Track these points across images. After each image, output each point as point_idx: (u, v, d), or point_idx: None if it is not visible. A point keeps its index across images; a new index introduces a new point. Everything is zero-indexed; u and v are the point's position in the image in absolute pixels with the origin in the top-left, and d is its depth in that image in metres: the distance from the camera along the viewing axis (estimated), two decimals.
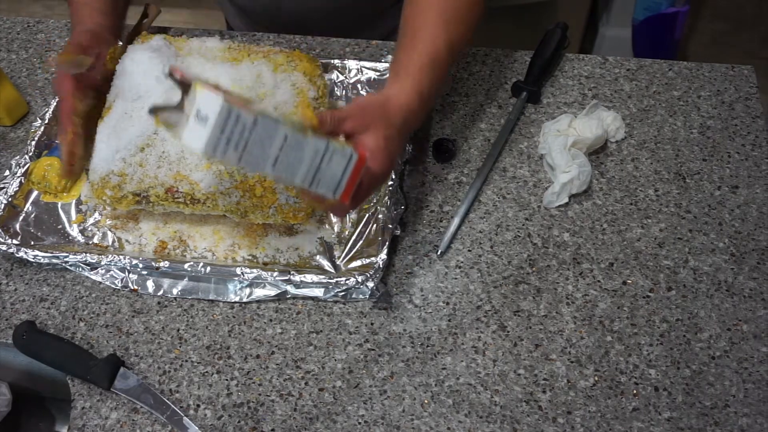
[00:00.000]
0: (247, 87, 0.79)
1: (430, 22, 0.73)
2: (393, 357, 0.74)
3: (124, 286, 0.79)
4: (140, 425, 0.70)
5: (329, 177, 0.61)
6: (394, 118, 0.68)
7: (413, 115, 0.70)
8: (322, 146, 0.60)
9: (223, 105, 0.56)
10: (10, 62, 1.02)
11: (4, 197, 0.83)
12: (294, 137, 0.59)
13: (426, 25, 0.73)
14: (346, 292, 0.76)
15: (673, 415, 0.70)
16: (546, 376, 0.72)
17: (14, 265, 0.82)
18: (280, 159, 0.60)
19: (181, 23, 2.04)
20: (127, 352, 0.75)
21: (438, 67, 0.73)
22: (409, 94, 0.70)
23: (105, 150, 0.77)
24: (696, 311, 0.76)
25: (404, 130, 0.70)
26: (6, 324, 0.77)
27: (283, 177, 0.60)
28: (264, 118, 0.58)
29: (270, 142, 0.59)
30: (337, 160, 0.61)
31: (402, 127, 0.68)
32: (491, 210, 0.84)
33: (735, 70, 0.96)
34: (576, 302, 0.77)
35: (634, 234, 0.82)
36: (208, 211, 0.77)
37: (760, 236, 0.81)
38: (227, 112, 0.56)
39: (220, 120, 0.56)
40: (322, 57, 0.95)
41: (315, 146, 0.60)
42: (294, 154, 0.59)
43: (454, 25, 0.74)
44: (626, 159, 0.88)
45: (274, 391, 0.72)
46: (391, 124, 0.67)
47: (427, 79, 0.71)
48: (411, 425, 0.70)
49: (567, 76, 0.97)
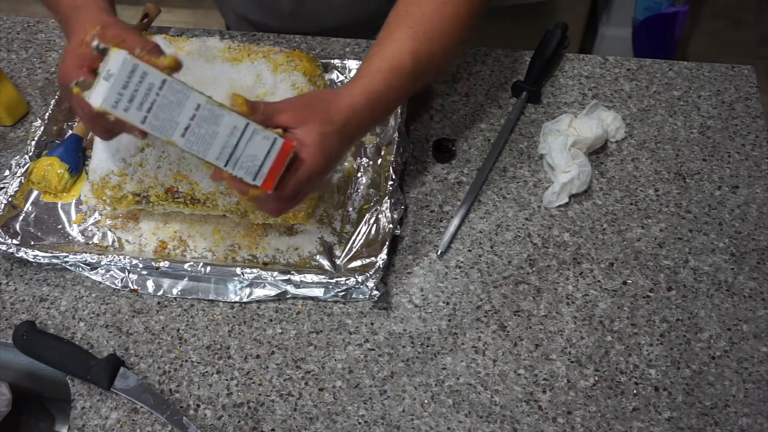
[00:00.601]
0: (247, 87, 0.79)
1: (399, 35, 0.71)
2: (393, 357, 0.74)
3: (124, 286, 0.79)
4: (140, 425, 0.70)
5: (249, 160, 0.59)
6: (335, 116, 0.65)
7: (357, 116, 0.67)
8: (242, 124, 0.58)
9: (126, 59, 0.55)
10: (10, 62, 1.02)
11: (4, 197, 0.83)
12: (209, 108, 0.57)
13: (395, 36, 0.71)
14: (346, 292, 0.76)
15: (673, 415, 0.70)
16: (546, 376, 0.72)
17: (14, 265, 0.82)
18: (191, 129, 0.57)
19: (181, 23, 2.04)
20: (127, 352, 0.75)
21: (399, 77, 0.69)
22: (356, 95, 0.67)
23: (105, 150, 0.77)
24: (696, 311, 0.76)
25: (345, 131, 0.66)
26: (6, 324, 0.77)
27: (195, 150, 0.58)
28: (173, 82, 0.56)
29: (180, 108, 0.57)
30: (259, 142, 0.58)
31: (342, 127, 0.65)
32: (491, 210, 0.84)
33: (735, 70, 0.96)
34: (576, 302, 0.77)
35: (634, 234, 0.82)
36: (208, 211, 0.77)
37: (760, 236, 0.81)
38: (131, 66, 0.55)
39: (122, 75, 0.55)
40: (322, 57, 0.95)
41: (233, 122, 0.58)
42: (207, 126, 0.57)
43: (425, 42, 0.71)
44: (626, 159, 0.88)
45: (274, 391, 0.72)
46: (331, 122, 0.64)
47: (382, 84, 0.68)
48: (411, 425, 0.70)
49: (567, 76, 0.97)
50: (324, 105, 0.65)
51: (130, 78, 0.56)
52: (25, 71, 1.01)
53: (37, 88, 0.99)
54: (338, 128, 0.65)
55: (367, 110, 0.68)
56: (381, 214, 0.80)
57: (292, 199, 0.65)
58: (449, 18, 0.72)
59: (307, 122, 0.63)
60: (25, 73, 1.00)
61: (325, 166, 0.64)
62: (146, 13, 0.96)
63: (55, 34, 1.05)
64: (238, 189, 0.62)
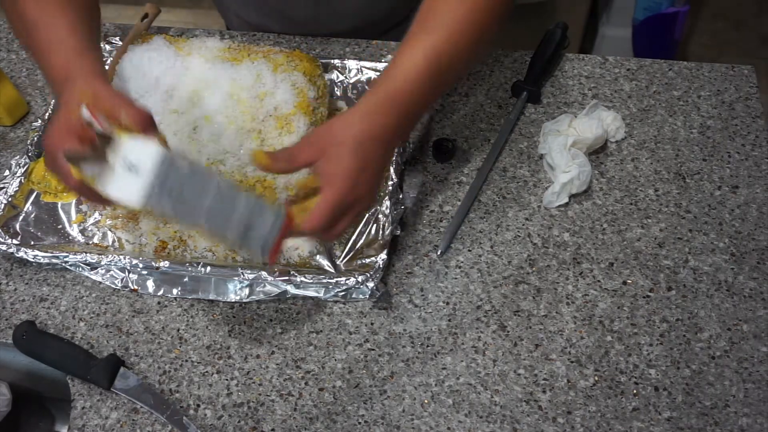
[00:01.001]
0: (247, 87, 0.79)
1: (416, 40, 0.70)
2: (393, 357, 0.74)
3: (124, 286, 0.79)
4: (140, 425, 0.70)
5: (259, 234, 0.60)
6: (340, 134, 0.64)
7: (367, 124, 0.66)
8: (252, 200, 0.59)
9: (163, 153, 0.54)
10: (10, 62, 1.02)
11: (4, 197, 0.83)
12: (226, 187, 0.58)
13: (411, 42, 0.70)
14: (346, 292, 0.76)
15: (673, 415, 0.70)
16: (546, 376, 0.72)
17: (14, 265, 0.82)
18: (212, 209, 0.58)
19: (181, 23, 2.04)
20: (127, 352, 0.75)
21: (408, 81, 0.68)
22: (353, 112, 0.66)
23: None
24: (696, 311, 0.76)
25: (360, 148, 0.64)
26: (6, 324, 0.77)
27: (216, 230, 0.59)
28: (197, 166, 0.57)
29: (204, 192, 0.57)
30: (268, 216, 0.60)
31: (354, 144, 0.64)
32: (491, 210, 0.84)
33: (735, 70, 0.96)
34: (576, 302, 0.77)
35: (634, 234, 0.82)
36: None
37: (760, 236, 0.81)
38: (167, 160, 0.54)
39: (158, 168, 0.54)
40: (322, 57, 0.94)
41: (246, 199, 0.59)
42: (226, 205, 0.58)
43: (445, 46, 0.69)
44: (626, 159, 0.88)
45: (274, 391, 0.72)
46: (339, 143, 0.64)
47: (391, 89, 0.67)
48: (411, 425, 0.70)
49: (567, 76, 0.97)
50: (328, 128, 0.65)
51: (161, 169, 0.55)
52: (25, 71, 1.01)
53: (37, 88, 0.99)
54: (350, 147, 0.64)
55: (380, 114, 0.66)
56: (381, 214, 0.80)
57: (332, 228, 0.64)
58: (472, 20, 0.71)
59: (326, 152, 0.63)
60: (25, 73, 1.00)
61: (351, 186, 0.63)
62: (146, 13, 0.95)
63: None
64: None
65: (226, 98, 0.78)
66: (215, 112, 0.77)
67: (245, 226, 0.59)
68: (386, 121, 0.66)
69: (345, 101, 0.93)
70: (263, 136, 0.76)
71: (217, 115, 0.76)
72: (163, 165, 0.54)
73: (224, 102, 0.77)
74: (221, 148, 0.75)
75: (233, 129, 0.76)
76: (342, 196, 0.63)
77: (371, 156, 0.65)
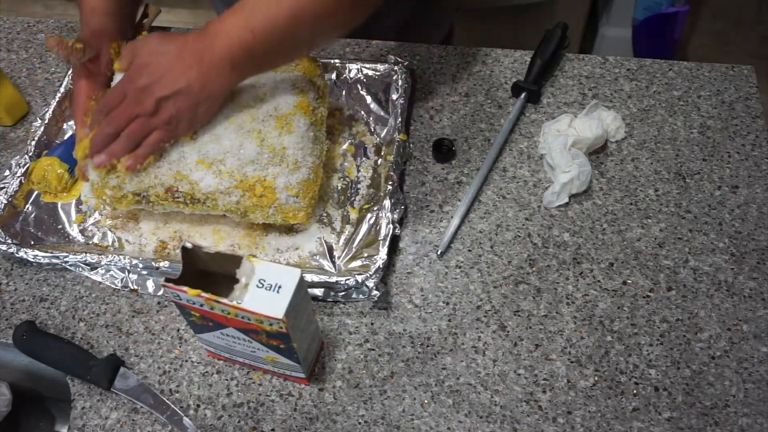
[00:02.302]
0: (247, 86, 0.79)
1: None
2: (393, 357, 0.74)
3: (124, 286, 0.79)
4: (140, 425, 0.70)
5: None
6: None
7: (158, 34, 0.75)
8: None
9: (301, 275, 0.61)
10: (10, 62, 1.02)
11: (4, 197, 0.83)
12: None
13: None
14: (346, 292, 0.76)
15: (673, 415, 0.70)
16: (546, 376, 0.72)
17: (14, 265, 0.82)
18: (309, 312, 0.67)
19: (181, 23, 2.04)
20: (127, 352, 0.75)
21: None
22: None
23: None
24: (696, 311, 0.76)
25: (153, 41, 0.74)
26: (6, 324, 0.77)
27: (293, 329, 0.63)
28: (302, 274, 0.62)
29: (307, 294, 0.65)
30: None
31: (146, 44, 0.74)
32: (491, 210, 0.84)
33: (735, 70, 0.96)
34: (576, 302, 0.77)
35: (634, 234, 0.82)
36: (208, 210, 0.77)
37: (760, 236, 0.81)
38: (302, 279, 0.61)
39: (297, 286, 0.60)
40: (322, 57, 0.95)
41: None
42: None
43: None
44: (626, 159, 0.88)
45: (274, 391, 0.72)
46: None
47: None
48: (411, 425, 0.70)
49: (567, 76, 0.97)
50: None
51: (300, 288, 0.62)
52: (25, 71, 1.01)
53: (37, 88, 0.99)
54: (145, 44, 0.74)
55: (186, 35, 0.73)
56: (381, 214, 0.80)
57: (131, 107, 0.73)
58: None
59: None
60: (25, 73, 1.00)
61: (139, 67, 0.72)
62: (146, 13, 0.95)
63: (55, 34, 1.05)
64: None
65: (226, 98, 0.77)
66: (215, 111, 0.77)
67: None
68: (187, 39, 0.72)
69: (345, 101, 0.93)
70: (263, 136, 0.76)
71: (217, 115, 0.77)
72: (299, 284, 0.61)
73: (224, 102, 0.77)
74: (221, 148, 0.75)
75: (233, 129, 0.76)
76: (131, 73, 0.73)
77: (161, 49, 0.73)
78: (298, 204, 0.76)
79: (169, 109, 0.71)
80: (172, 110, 0.71)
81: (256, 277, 0.60)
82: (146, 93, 0.71)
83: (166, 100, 0.71)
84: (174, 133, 0.74)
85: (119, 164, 0.75)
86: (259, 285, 0.60)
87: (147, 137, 0.73)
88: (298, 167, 0.76)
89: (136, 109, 0.72)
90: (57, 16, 2.34)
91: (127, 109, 0.72)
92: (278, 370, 0.70)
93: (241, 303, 0.59)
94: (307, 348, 0.68)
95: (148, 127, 0.73)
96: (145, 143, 0.74)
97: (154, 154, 0.75)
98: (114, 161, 0.74)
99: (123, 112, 0.73)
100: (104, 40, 0.82)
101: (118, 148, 0.74)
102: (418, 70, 0.97)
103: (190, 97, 0.71)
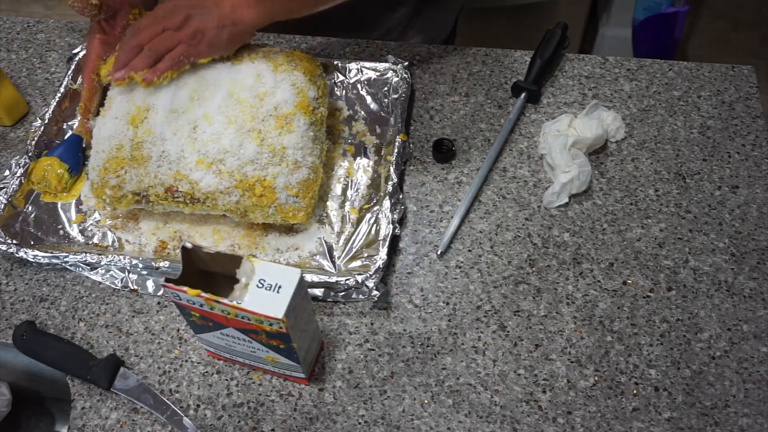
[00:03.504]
0: (248, 86, 0.79)
1: None
2: (393, 357, 0.74)
3: (124, 286, 0.79)
4: (140, 425, 0.70)
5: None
6: None
7: None
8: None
9: (301, 275, 0.61)
10: (10, 62, 1.02)
11: (4, 197, 0.83)
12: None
13: None
14: (346, 292, 0.76)
15: (673, 415, 0.70)
16: (546, 376, 0.72)
17: (14, 265, 0.82)
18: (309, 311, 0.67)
19: None
20: (127, 352, 0.75)
21: None
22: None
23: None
24: (696, 311, 0.76)
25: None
26: (6, 324, 0.77)
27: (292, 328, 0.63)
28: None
29: (307, 295, 0.65)
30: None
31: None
32: (491, 210, 0.84)
33: (735, 70, 0.96)
34: (576, 302, 0.77)
35: (634, 234, 0.82)
36: (208, 210, 0.77)
37: (760, 236, 0.81)
38: (302, 279, 0.62)
39: (297, 286, 0.61)
40: (322, 57, 0.95)
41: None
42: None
43: None
44: (626, 159, 0.88)
45: (274, 391, 0.72)
46: None
47: None
48: (411, 425, 0.70)
49: (567, 76, 0.97)
50: None
51: (300, 288, 0.62)
52: (25, 71, 1.01)
53: (37, 88, 0.99)
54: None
55: None
56: (381, 214, 0.80)
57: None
58: None
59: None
60: (25, 73, 1.00)
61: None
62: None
63: (54, 34, 1.05)
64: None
65: (226, 97, 0.77)
66: (215, 111, 0.77)
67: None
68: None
69: (345, 101, 0.93)
70: (263, 136, 0.76)
71: (217, 115, 0.77)
72: (299, 283, 0.61)
73: (224, 101, 0.77)
74: (221, 147, 0.75)
75: (233, 128, 0.76)
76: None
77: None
78: (297, 204, 0.76)
79: (196, 23, 0.73)
80: (198, 24, 0.73)
81: (256, 277, 0.60)
82: (178, 9, 0.74)
83: (194, 14, 0.73)
84: (195, 50, 0.75)
85: (137, 77, 0.75)
86: (259, 285, 0.60)
87: (170, 52, 0.75)
88: (298, 167, 0.76)
89: (164, 23, 0.74)
90: (57, 16, 2.34)
91: (156, 22, 0.74)
92: (278, 370, 0.70)
93: (241, 303, 0.59)
94: (307, 348, 0.68)
95: (172, 41, 0.74)
96: (166, 57, 0.75)
97: (172, 69, 0.75)
98: (132, 74, 0.75)
99: (151, 26, 0.74)
100: (123, 2, 0.83)
101: (140, 61, 0.75)
102: (418, 70, 0.97)
103: (218, 16, 0.73)
